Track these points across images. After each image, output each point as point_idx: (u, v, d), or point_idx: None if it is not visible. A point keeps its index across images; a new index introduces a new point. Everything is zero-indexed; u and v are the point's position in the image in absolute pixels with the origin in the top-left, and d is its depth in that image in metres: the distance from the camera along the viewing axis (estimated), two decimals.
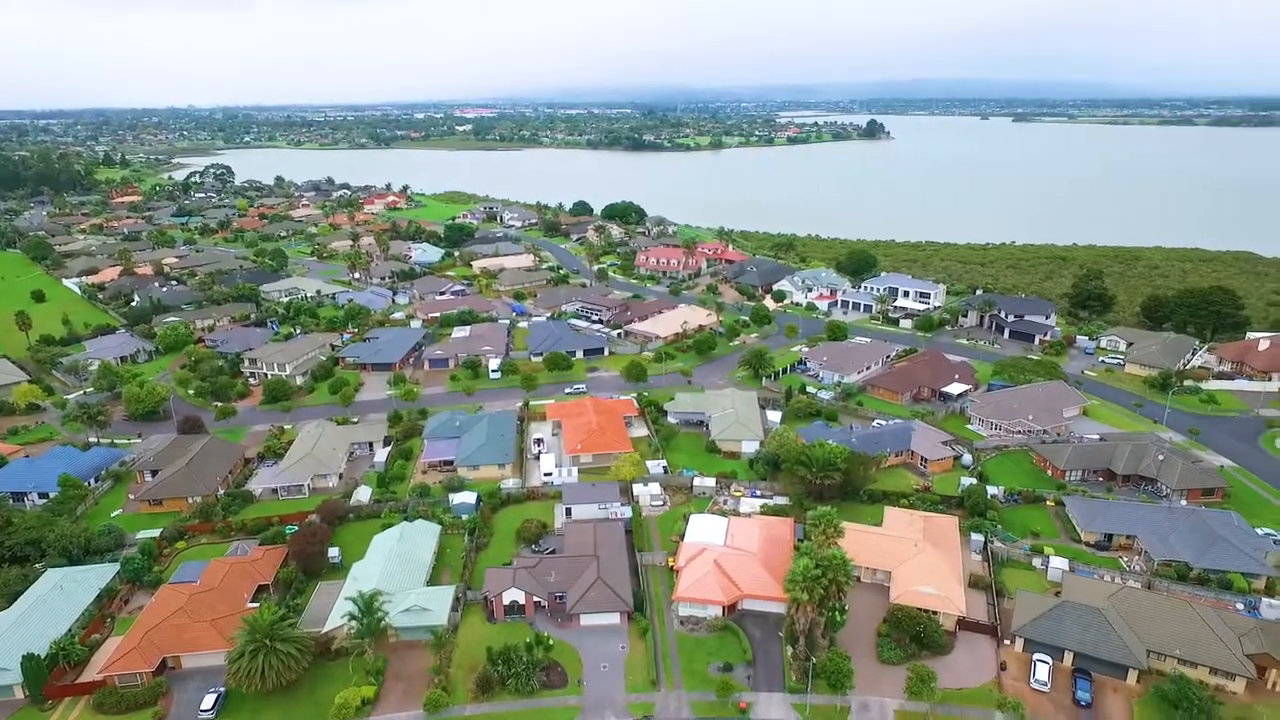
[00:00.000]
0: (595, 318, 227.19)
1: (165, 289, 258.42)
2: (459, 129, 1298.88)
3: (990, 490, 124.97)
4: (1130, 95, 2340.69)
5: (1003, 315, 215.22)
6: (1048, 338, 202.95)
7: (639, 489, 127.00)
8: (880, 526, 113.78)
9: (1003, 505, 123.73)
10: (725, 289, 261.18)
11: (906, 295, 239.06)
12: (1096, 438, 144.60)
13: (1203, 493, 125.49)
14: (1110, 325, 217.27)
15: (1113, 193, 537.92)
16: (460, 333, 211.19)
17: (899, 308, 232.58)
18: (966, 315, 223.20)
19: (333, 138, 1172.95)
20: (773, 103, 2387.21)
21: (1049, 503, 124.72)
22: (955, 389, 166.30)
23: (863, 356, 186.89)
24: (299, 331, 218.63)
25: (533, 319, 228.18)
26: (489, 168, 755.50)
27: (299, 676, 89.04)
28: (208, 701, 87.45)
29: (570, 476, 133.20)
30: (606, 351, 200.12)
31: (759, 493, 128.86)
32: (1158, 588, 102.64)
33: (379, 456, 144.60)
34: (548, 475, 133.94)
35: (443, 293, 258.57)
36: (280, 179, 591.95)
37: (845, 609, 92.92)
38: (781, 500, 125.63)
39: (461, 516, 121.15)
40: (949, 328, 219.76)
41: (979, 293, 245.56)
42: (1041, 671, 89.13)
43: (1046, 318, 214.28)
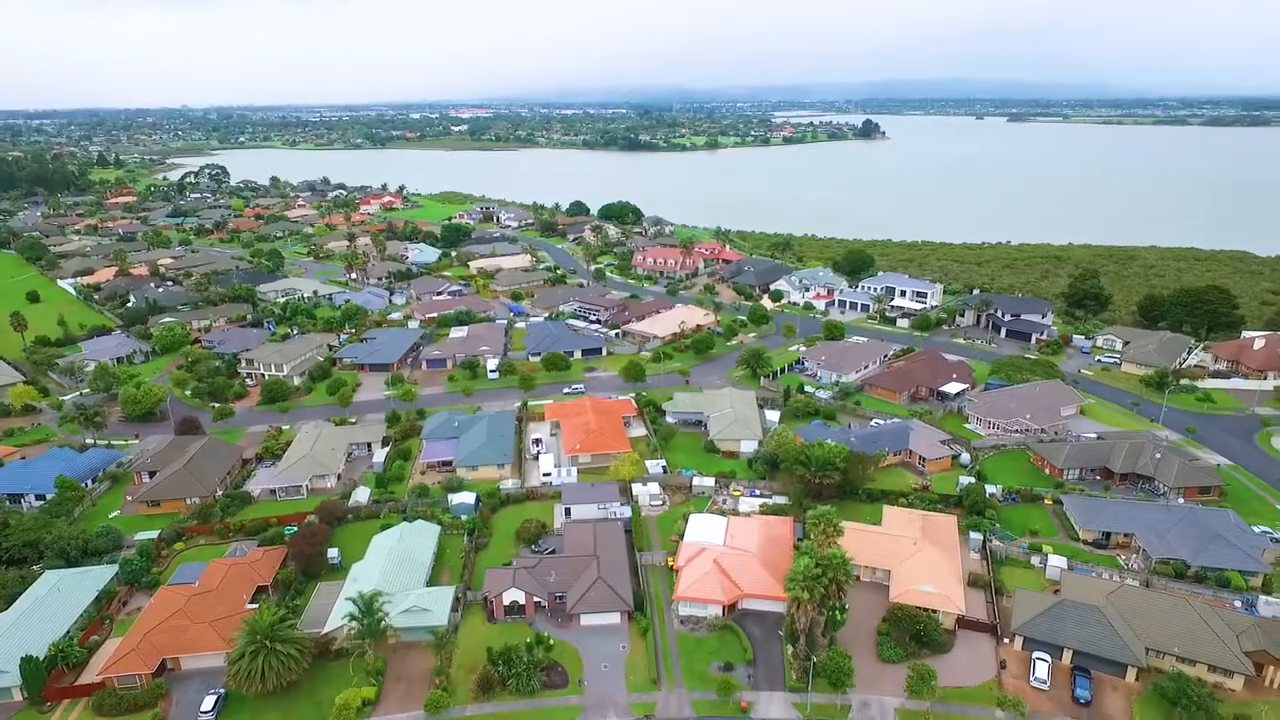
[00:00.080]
0: (593, 318, 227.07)
1: (161, 290, 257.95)
2: (455, 129, 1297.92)
3: (988, 489, 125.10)
4: (1125, 95, 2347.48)
5: (999, 314, 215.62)
6: (1044, 337, 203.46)
7: (638, 489, 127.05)
8: (879, 525, 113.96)
9: (1001, 504, 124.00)
10: (722, 289, 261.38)
11: (903, 295, 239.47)
12: (1094, 436, 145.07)
13: (1199, 491, 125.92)
14: (1106, 324, 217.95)
15: (1108, 192, 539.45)
16: (458, 333, 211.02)
17: (896, 307, 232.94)
18: (963, 314, 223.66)
19: (328, 138, 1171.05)
20: (768, 103, 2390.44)
21: (1047, 501, 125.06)
22: (953, 388, 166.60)
23: (860, 356, 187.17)
24: (296, 332, 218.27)
25: (530, 319, 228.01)
26: (485, 168, 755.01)
27: (299, 677, 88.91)
28: (208, 703, 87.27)
29: (569, 476, 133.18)
30: (604, 351, 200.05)
31: (758, 492, 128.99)
32: (1156, 586, 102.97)
33: (377, 457, 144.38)
34: (547, 475, 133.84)
35: (440, 293, 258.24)
36: (276, 179, 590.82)
37: (845, 608, 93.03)
38: (780, 499, 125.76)
39: (461, 517, 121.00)
40: (946, 327, 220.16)
41: (976, 292, 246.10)
42: (1041, 669, 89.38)
43: (1043, 317, 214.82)
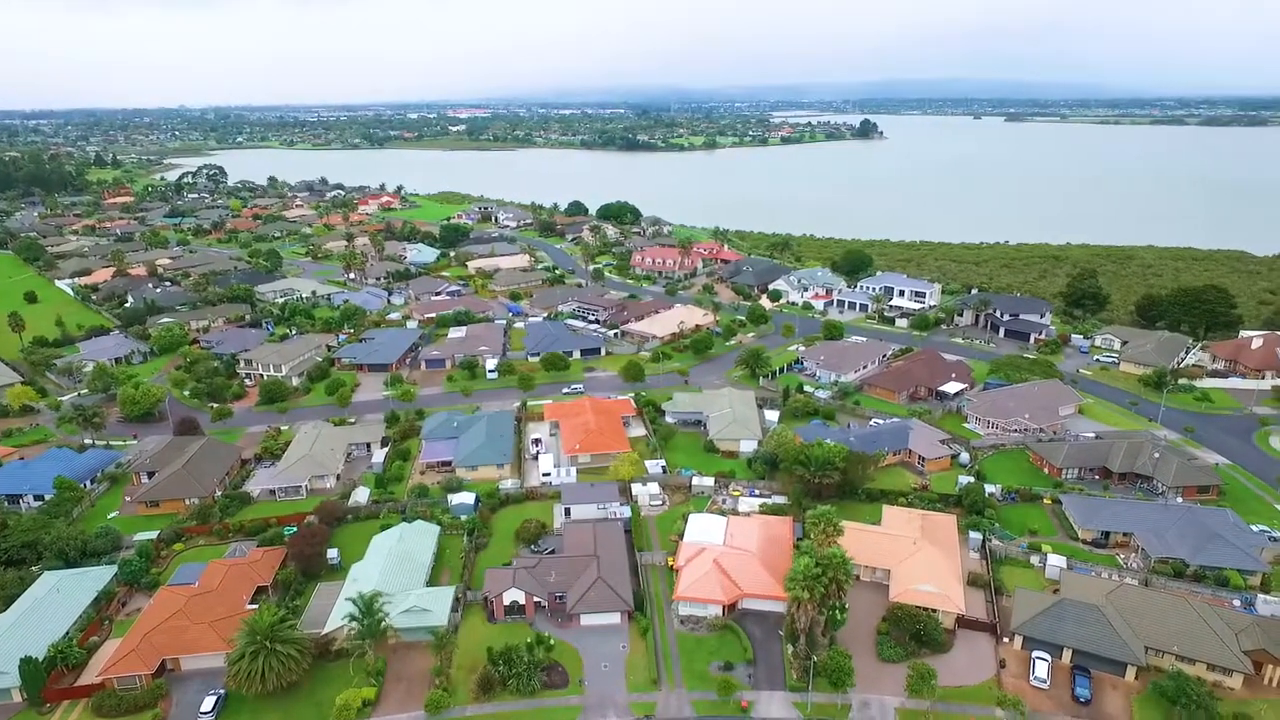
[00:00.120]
0: (592, 318, 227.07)
1: (159, 290, 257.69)
2: (453, 129, 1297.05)
3: (988, 488, 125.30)
4: (1122, 95, 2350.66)
5: (998, 314, 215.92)
6: (1043, 336, 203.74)
7: (638, 489, 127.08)
8: (879, 525, 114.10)
9: (1000, 503, 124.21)
10: (721, 289, 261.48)
11: (902, 294, 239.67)
12: (1092, 436, 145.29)
13: (1198, 490, 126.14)
14: (1105, 324, 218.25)
15: (1105, 192, 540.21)
16: (457, 333, 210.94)
17: (895, 307, 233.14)
18: (962, 314, 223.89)
19: (326, 138, 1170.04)
20: (766, 103, 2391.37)
21: (1046, 501, 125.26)
22: (952, 388, 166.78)
23: (859, 356, 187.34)
24: (295, 332, 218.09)
25: (529, 319, 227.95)
26: (483, 168, 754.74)
27: (299, 678, 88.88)
28: (208, 703, 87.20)
29: (569, 476, 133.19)
30: (603, 351, 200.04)
31: (757, 492, 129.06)
32: (1155, 585, 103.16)
33: (376, 457, 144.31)
34: (546, 475, 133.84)
35: (438, 293, 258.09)
36: (274, 179, 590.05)
37: (845, 607, 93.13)
38: (780, 499, 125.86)
39: (460, 517, 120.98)
40: (944, 327, 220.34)
41: (974, 292, 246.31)
42: (1041, 669, 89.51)
43: (1041, 316, 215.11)
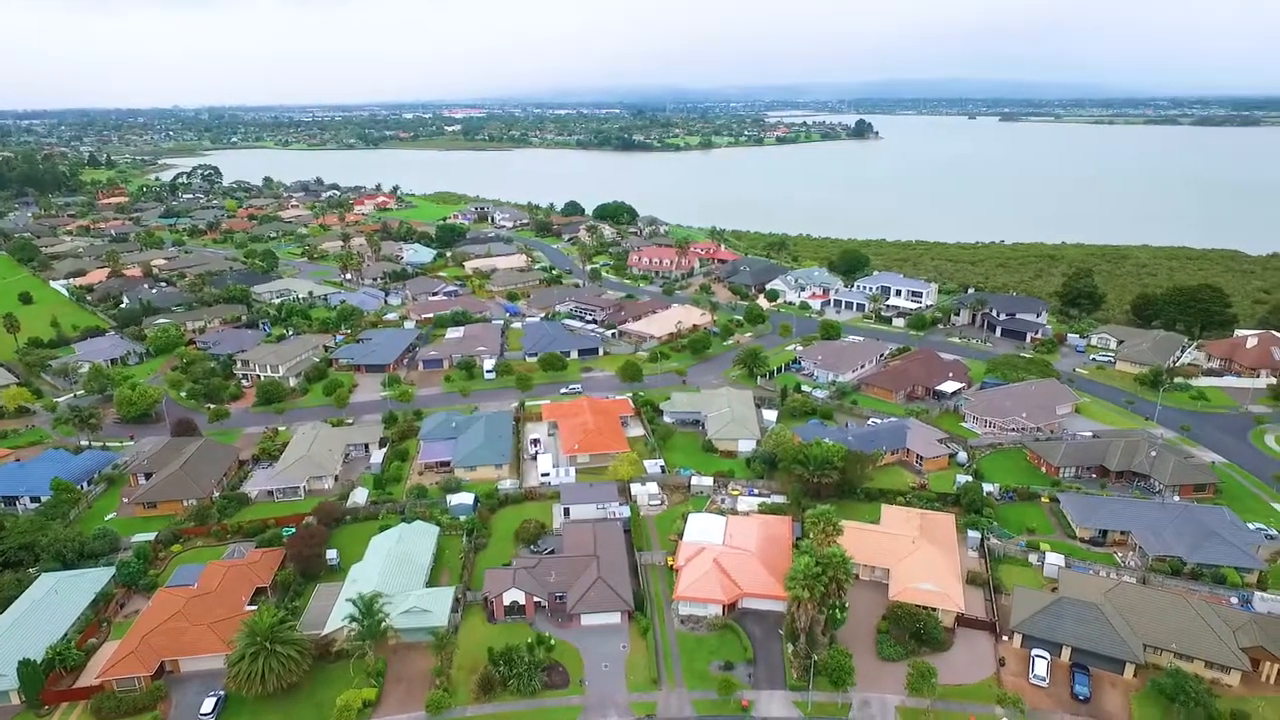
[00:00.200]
0: (589, 318, 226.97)
1: (155, 290, 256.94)
2: (448, 129, 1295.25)
3: (986, 487, 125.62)
4: (1117, 95, 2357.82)
5: (994, 313, 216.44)
6: (1039, 336, 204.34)
7: (637, 489, 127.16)
8: (878, 524, 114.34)
9: (998, 502, 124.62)
10: (718, 288, 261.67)
11: (899, 294, 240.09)
12: (1089, 435, 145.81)
13: (1195, 488, 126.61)
14: (1100, 323, 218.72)
15: (1100, 192, 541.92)
16: (454, 333, 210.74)
17: (891, 306, 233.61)
18: (958, 314, 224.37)
19: (320, 138, 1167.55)
20: (761, 102, 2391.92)
21: (1044, 499, 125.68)
22: (949, 387, 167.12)
23: (856, 355, 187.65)
24: (291, 333, 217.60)
25: (526, 319, 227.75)
26: (479, 168, 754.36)
27: (299, 679, 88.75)
28: (207, 705, 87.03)
29: (568, 477, 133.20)
30: (601, 352, 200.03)
31: (756, 491, 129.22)
32: (1153, 583, 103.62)
33: (375, 458, 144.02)
34: (545, 475, 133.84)
35: (435, 293, 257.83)
36: (269, 180, 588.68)
37: (845, 606, 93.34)
38: (779, 499, 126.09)
39: (459, 517, 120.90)
40: (941, 326, 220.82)
41: (971, 291, 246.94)
42: (1040, 666, 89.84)
43: (1038, 316, 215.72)
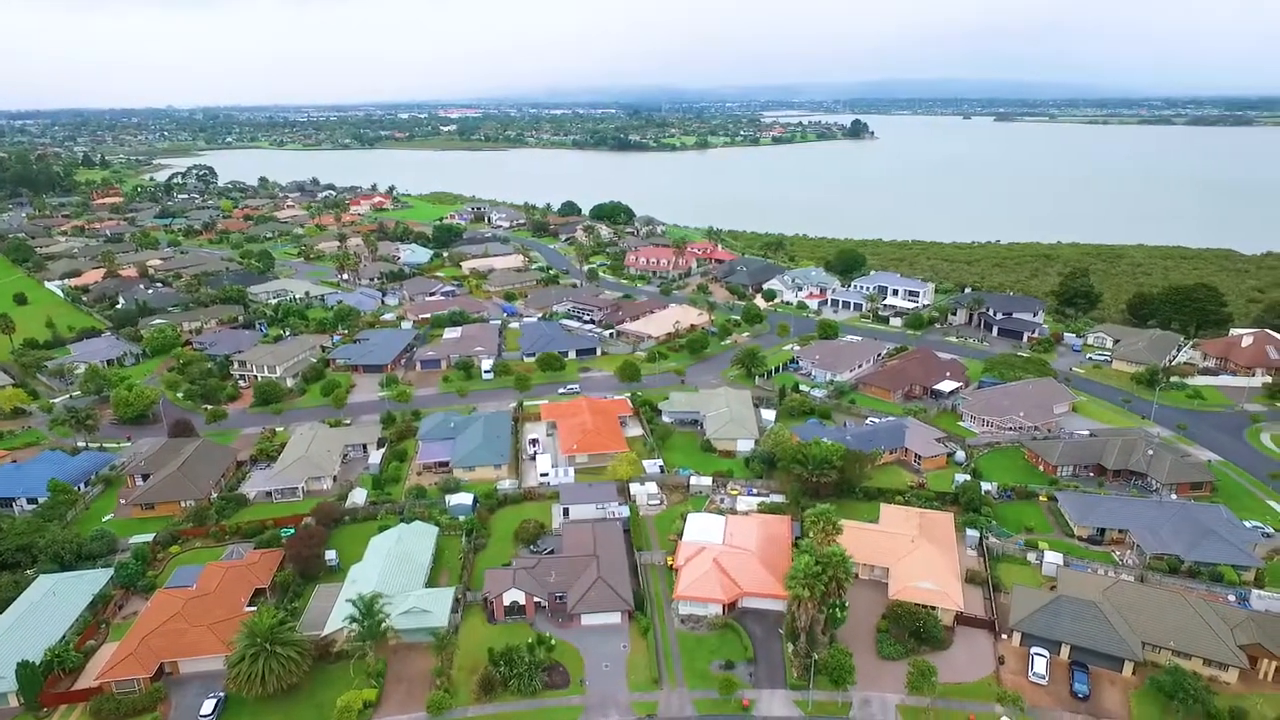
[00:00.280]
0: (587, 318, 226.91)
1: (151, 291, 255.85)
2: (444, 129, 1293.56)
3: (984, 486, 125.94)
4: (1111, 95, 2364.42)
5: (991, 313, 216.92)
6: (1036, 335, 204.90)
7: (636, 488, 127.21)
8: (877, 523, 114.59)
9: (996, 501, 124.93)
10: (716, 288, 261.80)
11: (896, 294, 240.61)
12: (1086, 433, 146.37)
13: (1191, 487, 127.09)
14: (1096, 322, 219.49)
15: (1095, 191, 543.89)
16: (451, 334, 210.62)
17: (889, 306, 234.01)
18: (955, 313, 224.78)
19: (316, 138, 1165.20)
20: (757, 102, 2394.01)
21: (1042, 498, 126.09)
22: (946, 386, 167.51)
23: (854, 355, 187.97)
24: (288, 333, 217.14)
25: (524, 319, 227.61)
26: (475, 168, 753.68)
27: (299, 680, 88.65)
28: (207, 706, 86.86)
29: (567, 477, 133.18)
30: (599, 352, 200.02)
31: (755, 491, 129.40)
32: (1150, 581, 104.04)
33: (373, 458, 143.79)
34: (544, 475, 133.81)
35: (432, 294, 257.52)
36: (264, 180, 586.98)
37: (845, 605, 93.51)
38: (778, 498, 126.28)
39: (459, 518, 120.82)
40: (938, 325, 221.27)
41: (967, 291, 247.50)
42: (1039, 665, 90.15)
43: (1034, 315, 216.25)
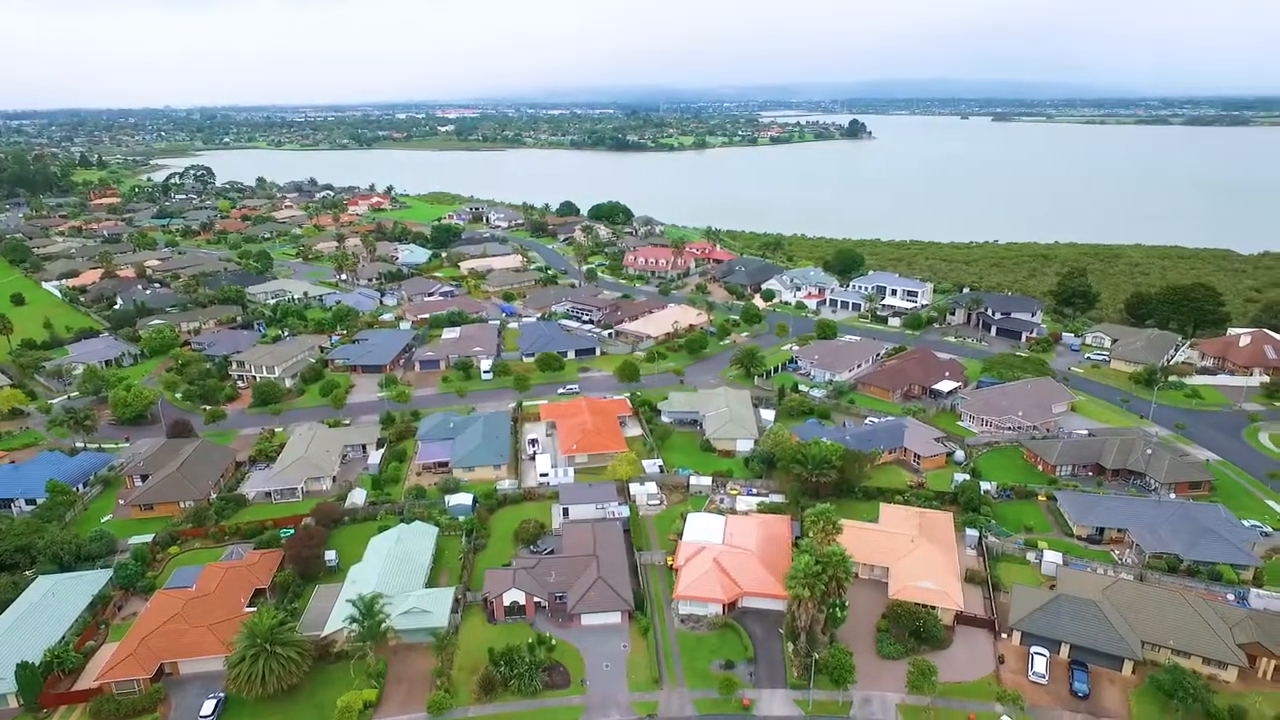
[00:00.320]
0: (586, 318, 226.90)
1: (149, 292, 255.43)
2: (441, 129, 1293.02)
3: (983, 486, 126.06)
4: (1108, 95, 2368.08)
5: (990, 313, 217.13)
6: (1034, 335, 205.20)
7: (635, 488, 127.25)
8: (876, 523, 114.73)
9: (995, 500, 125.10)
10: (714, 288, 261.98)
11: (894, 294, 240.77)
12: (1085, 433, 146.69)
13: (1190, 486, 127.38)
14: (1095, 322, 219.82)
15: (1092, 191, 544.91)
16: (450, 334, 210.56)
17: (887, 306, 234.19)
18: (954, 313, 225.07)
19: (313, 138, 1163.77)
20: (754, 102, 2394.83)
21: (1041, 497, 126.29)
22: (945, 386, 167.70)
23: (853, 355, 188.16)
24: (287, 334, 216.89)
25: (523, 320, 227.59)
26: (473, 168, 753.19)
27: (300, 680, 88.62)
28: (207, 707, 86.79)
29: (566, 477, 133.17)
30: (598, 352, 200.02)
31: (755, 491, 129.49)
32: (1149, 580, 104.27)
33: (372, 459, 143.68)
34: (544, 476, 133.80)
35: (431, 294, 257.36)
36: (262, 180, 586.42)
37: (845, 605, 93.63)
38: (777, 498, 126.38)
39: (458, 518, 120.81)
40: (937, 325, 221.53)
41: (966, 291, 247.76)
42: (1039, 664, 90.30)
43: (1032, 315, 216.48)
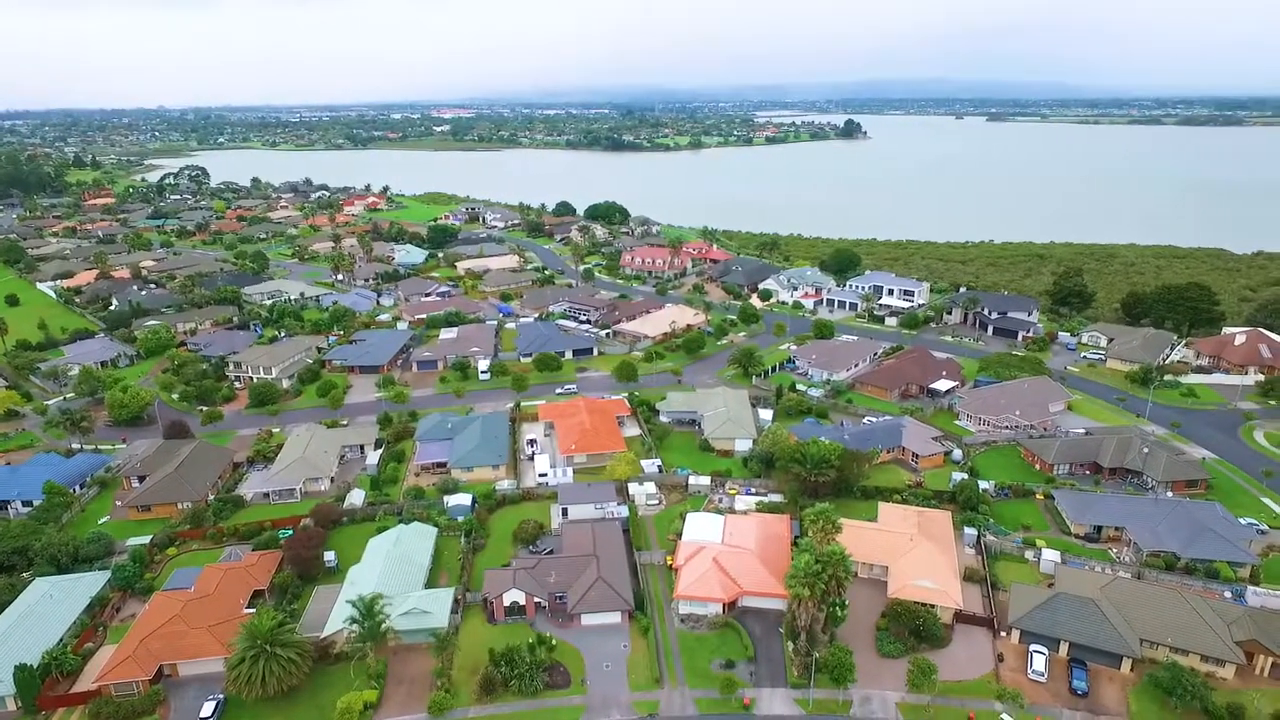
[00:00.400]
0: (583, 318, 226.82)
1: (144, 292, 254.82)
2: (437, 129, 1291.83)
3: (981, 485, 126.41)
4: (1101, 95, 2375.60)
5: (986, 312, 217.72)
6: (1030, 334, 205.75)
7: (634, 488, 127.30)
8: (875, 522, 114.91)
9: (993, 499, 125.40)
10: (711, 288, 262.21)
11: (891, 293, 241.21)
12: (1082, 432, 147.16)
13: (1186, 484, 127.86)
14: (1090, 321, 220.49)
15: (1087, 191, 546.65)
16: (448, 334, 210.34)
17: (884, 305, 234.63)
18: (950, 312, 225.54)
19: (309, 138, 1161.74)
20: (749, 103, 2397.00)
21: (1038, 496, 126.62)
22: (943, 385, 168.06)
23: (850, 354, 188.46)
24: (284, 334, 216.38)
25: (520, 320, 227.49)
26: (469, 168, 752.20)
27: (300, 682, 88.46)
28: (207, 708, 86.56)
29: (565, 477, 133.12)
30: (596, 352, 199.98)
31: (754, 490, 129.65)
32: (1147, 578, 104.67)
33: (371, 459, 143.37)
34: (543, 476, 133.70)
35: (428, 294, 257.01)
36: (257, 180, 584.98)
37: (845, 604, 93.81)
38: (776, 497, 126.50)
39: (457, 518, 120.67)
40: (934, 325, 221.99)
41: (962, 290, 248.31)
42: (1039, 662, 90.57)
43: (1029, 314, 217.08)
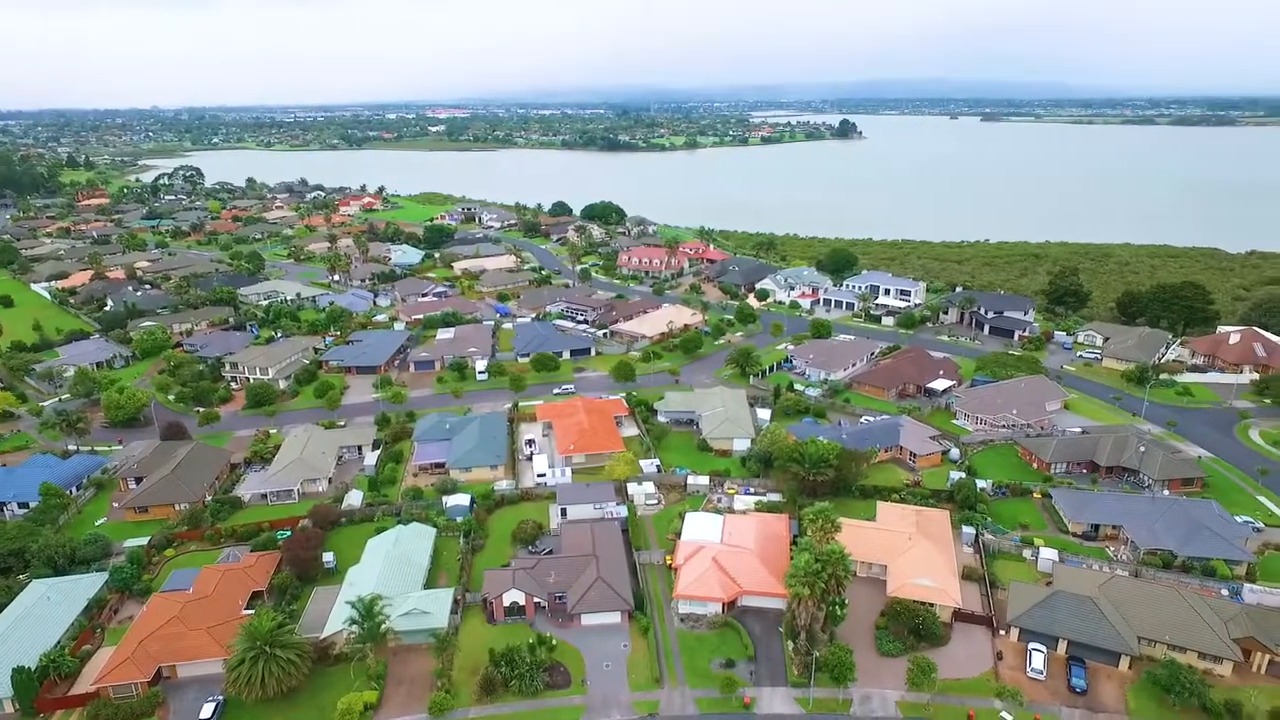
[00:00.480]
0: (580, 318, 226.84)
1: (139, 293, 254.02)
2: (432, 130, 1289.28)
3: (979, 484, 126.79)
4: (1095, 95, 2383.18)
5: (983, 311, 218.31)
6: (1027, 333, 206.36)
7: (633, 488, 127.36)
8: (874, 521, 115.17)
9: (991, 498, 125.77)
10: (708, 288, 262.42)
11: (888, 293, 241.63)
12: (1079, 431, 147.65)
13: (1182, 483, 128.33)
14: (1086, 320, 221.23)
15: (1082, 191, 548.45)
16: (445, 334, 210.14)
17: (881, 305, 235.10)
18: (947, 312, 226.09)
19: (303, 139, 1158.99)
20: (745, 102, 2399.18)
21: (1036, 495, 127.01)
22: (940, 385, 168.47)
23: (848, 354, 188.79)
24: (280, 335, 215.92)
25: (517, 320, 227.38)
26: (464, 168, 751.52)
27: (299, 683, 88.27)
28: (207, 710, 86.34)
29: (564, 477, 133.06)
30: (593, 352, 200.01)
31: (752, 490, 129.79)
32: (1144, 576, 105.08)
33: (369, 460, 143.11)
34: (541, 476, 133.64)
35: (425, 294, 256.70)
36: (252, 180, 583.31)
37: (845, 603, 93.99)
38: (775, 497, 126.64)
39: (456, 519, 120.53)
40: (930, 324, 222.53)
41: (959, 290, 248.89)
42: (1037, 660, 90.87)
43: (1025, 314, 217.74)
